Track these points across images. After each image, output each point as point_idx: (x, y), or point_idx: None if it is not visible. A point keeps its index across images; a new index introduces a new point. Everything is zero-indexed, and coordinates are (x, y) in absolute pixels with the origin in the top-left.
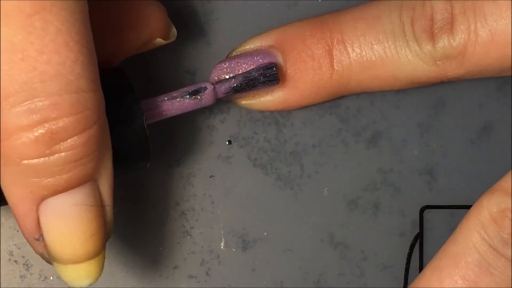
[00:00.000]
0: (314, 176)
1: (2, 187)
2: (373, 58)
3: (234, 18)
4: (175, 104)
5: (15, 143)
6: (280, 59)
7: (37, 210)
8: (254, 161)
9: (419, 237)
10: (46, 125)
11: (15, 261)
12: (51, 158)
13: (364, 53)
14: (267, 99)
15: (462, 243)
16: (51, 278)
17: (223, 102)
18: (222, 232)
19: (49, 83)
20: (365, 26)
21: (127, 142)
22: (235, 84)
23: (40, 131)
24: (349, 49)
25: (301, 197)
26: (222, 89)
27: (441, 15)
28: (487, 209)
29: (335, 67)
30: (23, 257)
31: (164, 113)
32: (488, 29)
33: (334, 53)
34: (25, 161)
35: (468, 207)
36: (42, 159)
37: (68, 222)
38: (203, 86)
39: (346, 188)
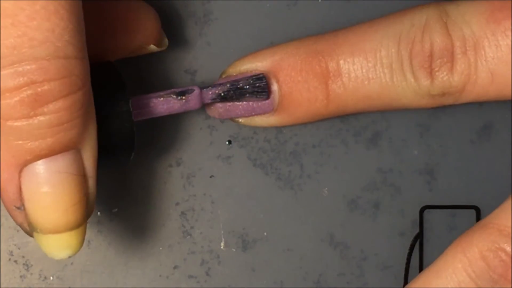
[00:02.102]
0: (314, 176)
1: None
2: (370, 92)
3: (234, 18)
4: (161, 103)
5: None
6: (275, 87)
7: (19, 177)
8: (254, 161)
9: (419, 237)
10: (32, 87)
11: (15, 261)
12: (35, 120)
13: (360, 86)
14: (262, 120)
15: (446, 278)
16: (51, 278)
17: None
18: (222, 232)
19: (38, 49)
20: (363, 59)
21: (113, 135)
22: (222, 92)
23: (25, 93)
24: (346, 82)
25: (301, 197)
26: (209, 94)
27: (440, 53)
28: (477, 246)
29: (331, 99)
30: (23, 257)
31: (150, 111)
32: (489, 72)
33: (330, 85)
34: (9, 122)
35: (468, 207)
36: (25, 121)
37: (50, 189)
38: (191, 88)
39: (346, 188)
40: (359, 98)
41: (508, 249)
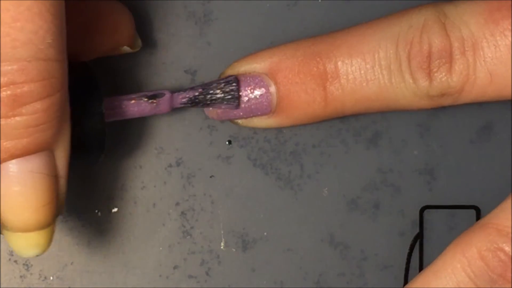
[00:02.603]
0: (314, 176)
1: None
2: (368, 93)
3: (234, 18)
4: (132, 105)
5: None
6: (273, 89)
7: None
8: (254, 161)
9: (419, 237)
10: (12, 88)
11: (15, 261)
12: (13, 120)
13: (358, 88)
14: (260, 122)
15: (445, 279)
16: (51, 278)
17: None
18: (222, 232)
19: (20, 50)
20: (361, 61)
21: (85, 135)
22: (192, 96)
23: (5, 93)
24: (344, 83)
25: (301, 197)
26: (179, 98)
27: (439, 54)
28: (476, 246)
29: (329, 100)
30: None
31: (122, 113)
32: (488, 72)
33: (328, 87)
34: None
35: (468, 207)
36: (3, 120)
37: (22, 189)
38: (161, 92)
39: (346, 188)
40: (357, 100)
41: (507, 249)
